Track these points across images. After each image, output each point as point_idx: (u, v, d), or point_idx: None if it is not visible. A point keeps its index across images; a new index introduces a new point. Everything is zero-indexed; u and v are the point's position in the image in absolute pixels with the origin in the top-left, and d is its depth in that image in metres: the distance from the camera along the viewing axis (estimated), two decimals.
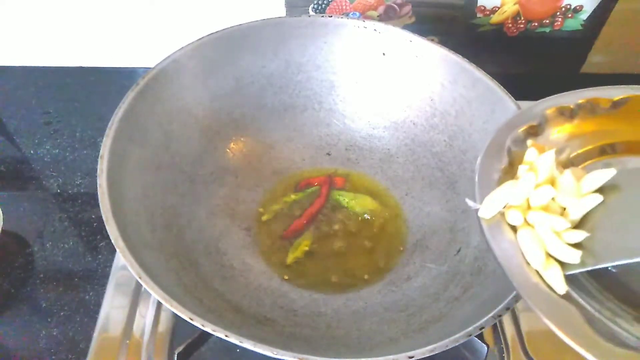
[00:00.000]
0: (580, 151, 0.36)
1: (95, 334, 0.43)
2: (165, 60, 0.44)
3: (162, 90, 0.44)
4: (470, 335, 0.31)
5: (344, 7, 0.62)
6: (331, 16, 0.49)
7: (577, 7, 0.62)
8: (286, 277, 0.44)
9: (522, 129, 0.35)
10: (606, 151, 0.36)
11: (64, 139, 0.60)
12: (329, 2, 0.62)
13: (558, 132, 0.36)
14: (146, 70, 0.43)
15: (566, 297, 0.28)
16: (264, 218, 0.48)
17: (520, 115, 0.36)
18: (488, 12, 0.62)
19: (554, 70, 0.70)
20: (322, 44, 0.50)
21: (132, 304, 0.45)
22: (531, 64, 0.70)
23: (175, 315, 0.36)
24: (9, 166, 0.57)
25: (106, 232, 0.33)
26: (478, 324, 0.31)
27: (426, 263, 0.45)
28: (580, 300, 0.28)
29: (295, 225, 0.48)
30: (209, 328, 0.30)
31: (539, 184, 0.31)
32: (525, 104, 0.43)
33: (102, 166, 0.36)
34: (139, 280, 0.31)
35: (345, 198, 0.50)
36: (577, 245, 0.29)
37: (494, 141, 0.34)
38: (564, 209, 0.31)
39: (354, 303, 0.43)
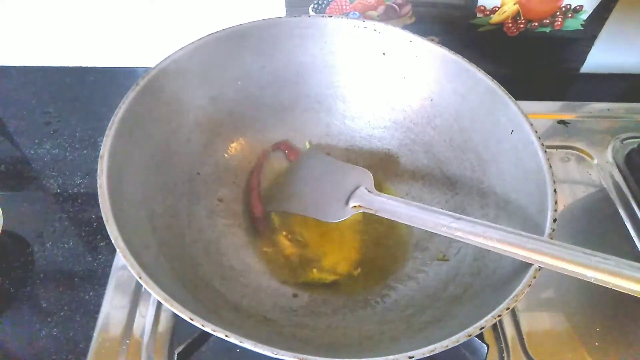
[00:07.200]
0: None
1: (95, 334, 0.43)
2: (165, 60, 0.44)
3: (162, 90, 0.44)
4: (470, 335, 0.30)
5: (344, 7, 0.62)
6: (331, 16, 0.49)
7: (577, 7, 0.62)
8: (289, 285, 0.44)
9: None
10: None
11: (64, 139, 0.60)
12: (329, 2, 0.62)
13: None
14: (146, 70, 0.43)
15: None
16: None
17: None
18: (488, 12, 0.62)
19: (554, 70, 0.70)
20: (322, 44, 0.50)
21: (132, 304, 0.45)
22: (531, 64, 0.70)
23: (175, 315, 0.36)
24: (9, 166, 0.57)
25: (106, 232, 0.33)
26: (478, 324, 0.31)
27: (426, 263, 0.45)
28: None
29: (254, 199, 0.49)
30: (209, 328, 0.30)
31: None
32: (525, 104, 0.43)
33: (102, 166, 0.36)
34: (139, 280, 0.31)
35: None
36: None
37: None
38: None
39: (354, 303, 0.43)
